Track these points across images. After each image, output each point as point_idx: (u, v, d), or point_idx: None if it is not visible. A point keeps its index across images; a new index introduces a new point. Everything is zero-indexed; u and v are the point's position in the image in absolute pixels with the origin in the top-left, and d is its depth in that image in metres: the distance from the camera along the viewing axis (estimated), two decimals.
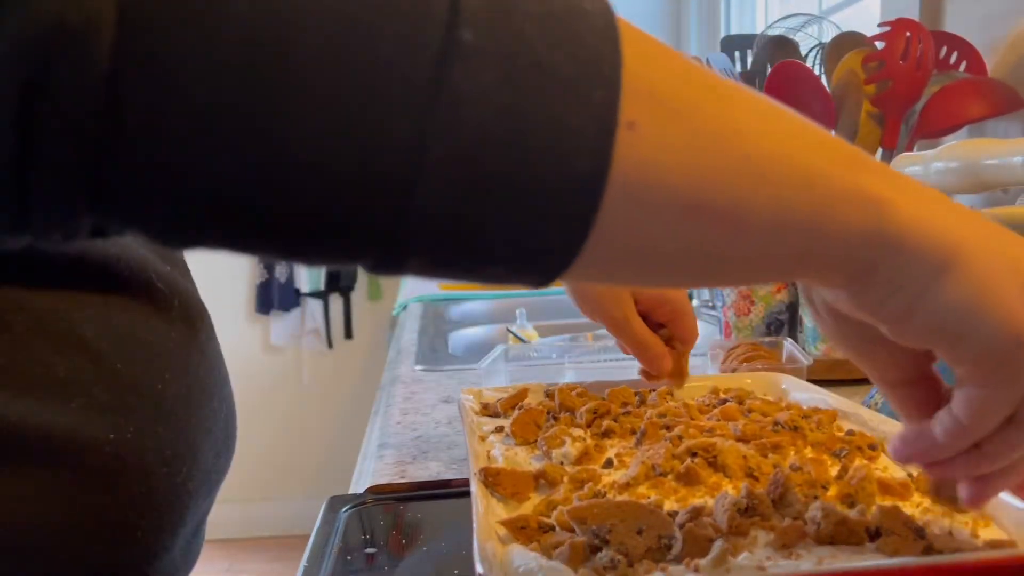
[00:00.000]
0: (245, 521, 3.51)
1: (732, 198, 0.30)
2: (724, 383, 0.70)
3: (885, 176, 0.33)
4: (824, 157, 0.32)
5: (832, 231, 0.31)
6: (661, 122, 0.29)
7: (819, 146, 0.32)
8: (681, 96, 0.30)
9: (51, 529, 0.52)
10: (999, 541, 0.39)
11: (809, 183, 0.31)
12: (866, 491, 0.44)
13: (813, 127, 0.33)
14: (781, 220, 0.31)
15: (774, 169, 0.31)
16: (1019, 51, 1.04)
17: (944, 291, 0.32)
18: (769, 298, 1.16)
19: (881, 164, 0.34)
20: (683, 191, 0.29)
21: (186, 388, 0.59)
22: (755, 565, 0.37)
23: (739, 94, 0.32)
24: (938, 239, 0.32)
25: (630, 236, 0.29)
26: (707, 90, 0.31)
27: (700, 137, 0.30)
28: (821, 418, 0.57)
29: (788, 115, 0.33)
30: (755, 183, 0.30)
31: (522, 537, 0.42)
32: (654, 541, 0.38)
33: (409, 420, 0.95)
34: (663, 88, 0.29)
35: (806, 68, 1.09)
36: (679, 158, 0.29)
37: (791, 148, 0.31)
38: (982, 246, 0.33)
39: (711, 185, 0.30)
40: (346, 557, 0.59)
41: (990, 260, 0.33)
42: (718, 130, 0.30)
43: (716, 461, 0.48)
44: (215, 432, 0.63)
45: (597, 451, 0.54)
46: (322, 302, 3.52)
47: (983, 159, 0.62)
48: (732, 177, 0.30)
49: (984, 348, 0.33)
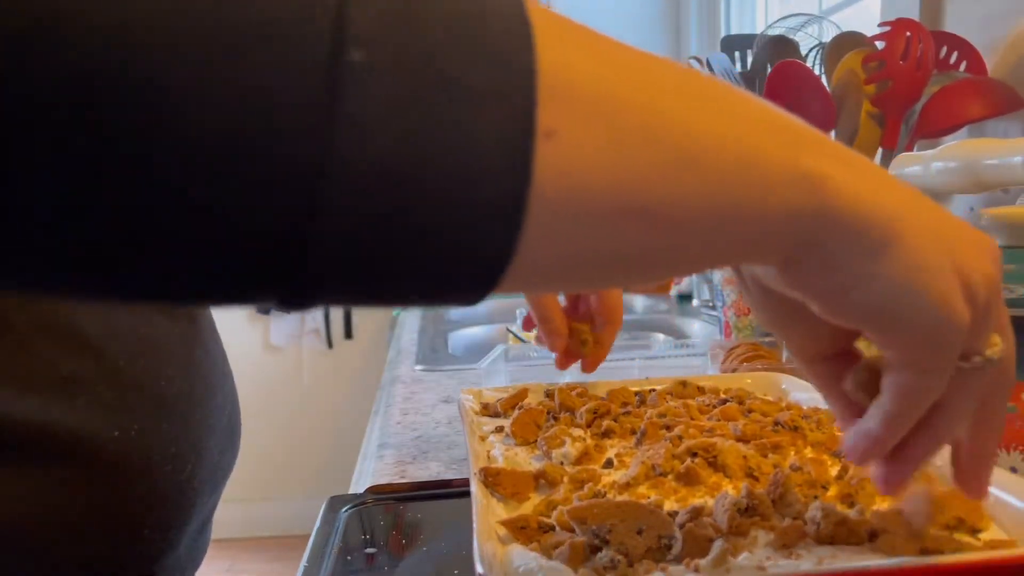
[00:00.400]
0: (245, 521, 3.51)
1: (665, 195, 0.28)
2: (724, 383, 0.70)
3: (824, 151, 0.32)
4: (760, 136, 0.30)
5: (771, 215, 0.30)
6: (583, 124, 0.27)
7: (755, 124, 0.31)
8: (604, 90, 0.27)
9: (57, 526, 0.52)
10: (999, 541, 0.39)
11: (745, 167, 0.30)
12: (866, 491, 0.44)
13: (748, 101, 0.31)
14: (718, 210, 0.29)
15: (708, 157, 0.29)
16: (1019, 51, 1.04)
17: (880, 271, 0.32)
18: None
19: (819, 135, 0.33)
20: (611, 196, 0.27)
21: (189, 385, 0.59)
22: (755, 565, 0.37)
23: (669, 76, 0.30)
24: (877, 218, 0.32)
25: (559, 249, 0.27)
26: (633, 78, 0.28)
27: (627, 134, 0.28)
28: (821, 418, 0.57)
29: (722, 93, 0.31)
30: (688, 175, 0.28)
31: (522, 537, 0.42)
32: (654, 541, 0.38)
33: (409, 420, 0.95)
34: (584, 84, 0.27)
35: (806, 68, 1.09)
36: (605, 161, 0.27)
37: (725, 130, 0.30)
38: (919, 226, 0.32)
39: (641, 185, 0.28)
40: (346, 557, 0.59)
41: (926, 240, 0.32)
42: (646, 123, 0.28)
43: (716, 461, 0.48)
44: (219, 429, 0.63)
45: (597, 451, 0.54)
46: None
47: (983, 159, 0.62)
48: (663, 172, 0.28)
49: (916, 330, 0.32)
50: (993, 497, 0.42)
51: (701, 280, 1.78)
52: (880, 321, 0.33)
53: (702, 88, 0.30)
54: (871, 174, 0.32)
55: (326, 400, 3.50)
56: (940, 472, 0.47)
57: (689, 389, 0.68)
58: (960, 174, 0.63)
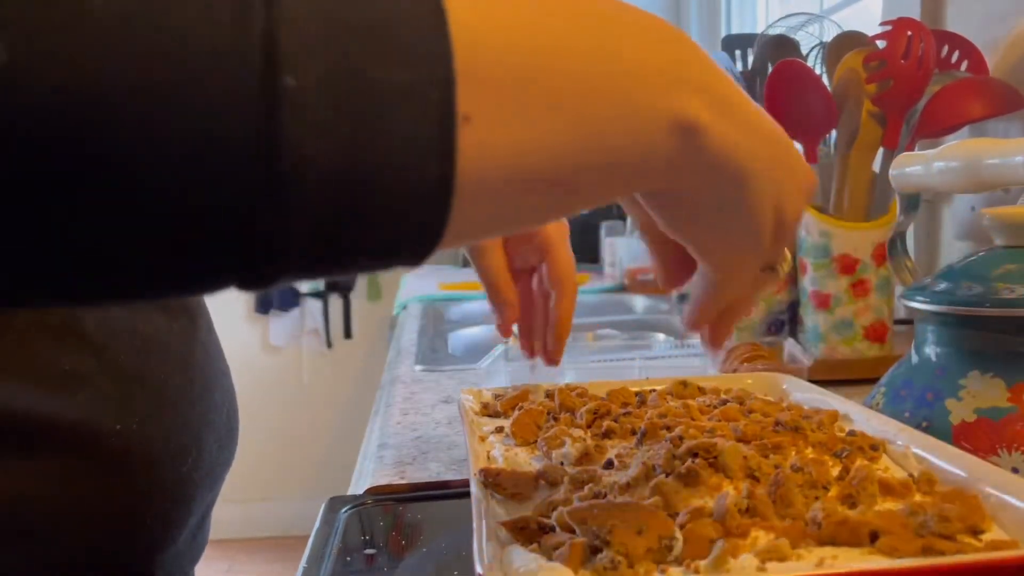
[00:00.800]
0: (245, 521, 3.51)
1: (564, 159, 0.32)
2: (725, 383, 0.70)
3: (705, 93, 0.35)
4: (646, 82, 0.33)
5: (650, 163, 0.34)
6: (495, 104, 0.29)
7: (642, 66, 0.34)
8: (512, 63, 0.30)
9: (60, 517, 0.52)
10: (999, 541, 0.39)
11: (632, 120, 0.33)
12: (867, 492, 0.44)
13: (637, 34, 0.34)
14: (607, 167, 0.33)
15: (600, 117, 0.32)
16: (1020, 50, 1.04)
17: (721, 213, 0.38)
18: (770, 298, 1.16)
19: (702, 69, 0.36)
20: (522, 168, 0.31)
21: (188, 381, 0.60)
22: (755, 566, 0.37)
23: (567, 24, 0.32)
24: (735, 163, 0.36)
25: (484, 213, 0.31)
26: (538, 38, 0.31)
27: (531, 107, 0.30)
28: (822, 418, 0.57)
29: (612, 30, 0.34)
30: (584, 138, 0.32)
31: (522, 538, 0.42)
32: (655, 542, 0.38)
33: (409, 420, 0.95)
34: (495, 63, 0.29)
35: (807, 67, 1.09)
36: (514, 137, 0.30)
37: (615, 84, 0.33)
38: (765, 170, 0.37)
39: (547, 154, 0.31)
40: (346, 558, 0.58)
41: (765, 183, 0.38)
42: (547, 89, 0.31)
43: (717, 462, 0.48)
44: (218, 424, 0.63)
45: (597, 451, 0.54)
46: (321, 302, 3.52)
47: (984, 159, 0.61)
48: (563, 138, 0.31)
49: (732, 258, 0.41)
50: (993, 497, 0.42)
51: None
52: (710, 248, 0.41)
53: (594, 31, 0.33)
54: (740, 114, 0.36)
55: (326, 400, 3.50)
56: (940, 472, 0.47)
57: (690, 389, 0.68)
58: (961, 174, 0.63)
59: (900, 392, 0.64)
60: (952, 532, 0.39)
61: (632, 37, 0.34)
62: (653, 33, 0.35)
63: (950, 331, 0.61)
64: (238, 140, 0.25)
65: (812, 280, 1.07)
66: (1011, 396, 0.57)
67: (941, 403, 0.59)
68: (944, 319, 0.61)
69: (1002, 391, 0.57)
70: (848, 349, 1.05)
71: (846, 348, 1.05)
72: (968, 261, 0.62)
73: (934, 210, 1.26)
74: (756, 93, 1.18)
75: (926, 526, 0.39)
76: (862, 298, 1.04)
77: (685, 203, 0.38)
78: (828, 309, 1.06)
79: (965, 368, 0.59)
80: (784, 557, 0.38)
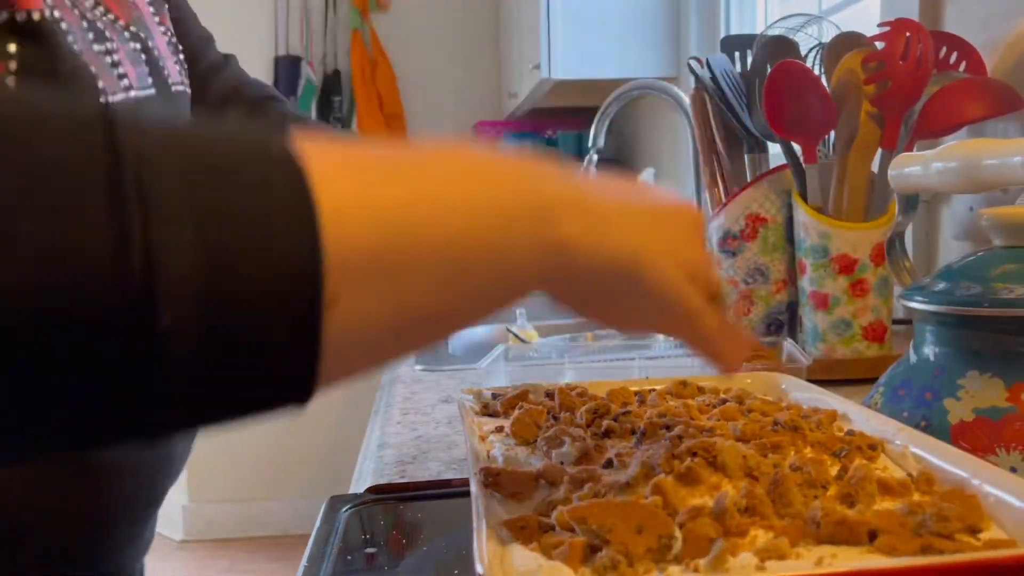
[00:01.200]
0: (245, 521, 3.51)
1: (437, 313, 0.35)
2: (724, 383, 0.70)
3: (569, 210, 0.37)
4: (511, 228, 0.36)
5: (528, 286, 0.38)
6: (361, 279, 0.31)
7: (503, 217, 0.36)
8: (381, 241, 0.32)
9: (35, 519, 0.53)
10: (999, 541, 0.39)
11: (501, 265, 0.36)
12: (866, 491, 0.44)
13: (500, 184, 0.37)
14: (480, 298, 0.36)
15: (468, 270, 0.35)
16: (1019, 51, 1.05)
17: (629, 300, 0.41)
18: (769, 298, 1.16)
19: (561, 189, 0.38)
20: (389, 329, 0.33)
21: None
22: (755, 565, 0.37)
23: (435, 193, 0.34)
24: (618, 261, 0.39)
25: (354, 366, 0.34)
26: (407, 212, 0.33)
27: (399, 279, 0.32)
28: (821, 418, 0.57)
29: (475, 188, 0.36)
30: (453, 290, 0.34)
31: (522, 537, 0.42)
32: (654, 541, 0.38)
33: (409, 420, 0.95)
34: (363, 243, 0.31)
35: (806, 68, 1.09)
36: (383, 304, 0.32)
37: (481, 238, 0.35)
38: (652, 251, 0.40)
39: (418, 312, 0.34)
40: (346, 557, 0.59)
41: (660, 260, 0.41)
42: (416, 257, 0.33)
43: (716, 461, 0.48)
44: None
45: (597, 451, 0.54)
46: None
47: (983, 159, 0.61)
48: (434, 297, 0.34)
49: (671, 327, 0.45)
50: (992, 497, 0.42)
51: None
52: (642, 327, 0.45)
53: (456, 190, 0.35)
54: (605, 210, 0.39)
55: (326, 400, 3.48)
56: (938, 472, 0.47)
57: (689, 389, 0.68)
58: (960, 174, 0.63)
59: (899, 392, 0.64)
60: (951, 531, 0.39)
61: (493, 185, 0.36)
62: (512, 175, 0.37)
63: (949, 331, 0.61)
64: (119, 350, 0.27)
65: (811, 280, 1.07)
66: (1010, 396, 0.57)
67: (940, 403, 0.59)
68: (943, 319, 0.61)
69: (1001, 391, 0.57)
70: (847, 349, 1.05)
71: (845, 348, 1.05)
72: (967, 261, 0.63)
73: (933, 210, 1.26)
74: (755, 94, 1.18)
75: (925, 525, 0.40)
76: (861, 298, 1.05)
77: (591, 303, 0.41)
78: (827, 309, 1.06)
79: (964, 368, 0.60)
80: (783, 556, 0.38)
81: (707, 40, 2.30)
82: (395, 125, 3.44)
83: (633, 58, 2.37)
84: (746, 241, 1.16)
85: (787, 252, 1.15)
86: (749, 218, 1.15)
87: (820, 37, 1.27)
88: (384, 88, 3.44)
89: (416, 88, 3.53)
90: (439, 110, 3.54)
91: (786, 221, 1.15)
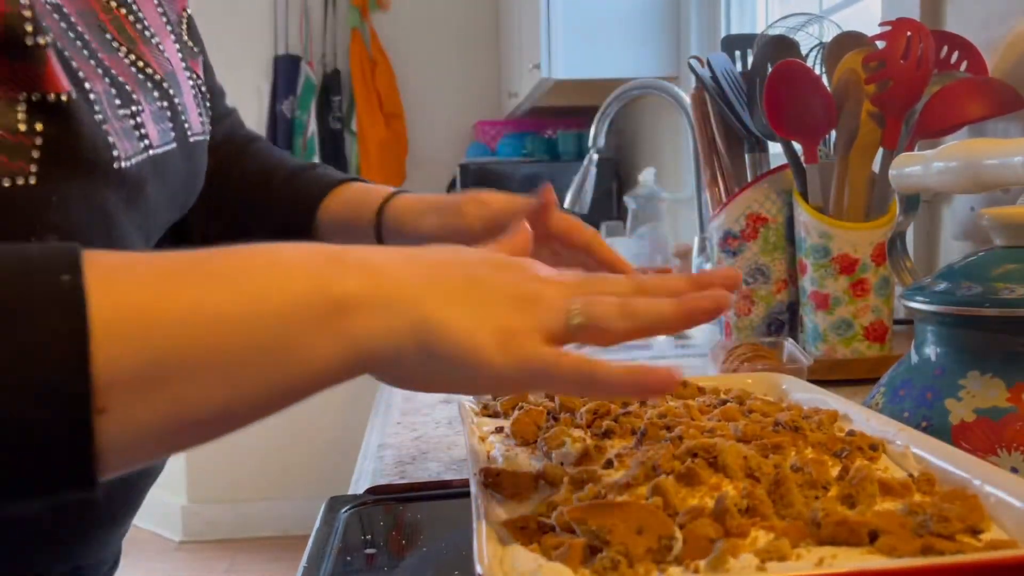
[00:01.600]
0: (245, 521, 3.51)
1: (215, 408, 0.36)
2: (724, 383, 0.70)
3: (366, 302, 0.39)
4: (298, 319, 0.37)
5: (334, 374, 0.38)
6: (129, 390, 0.34)
7: (288, 312, 0.37)
8: (152, 348, 0.34)
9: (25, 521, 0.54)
10: (999, 541, 0.39)
11: (287, 356, 0.37)
12: (866, 491, 0.44)
13: (289, 281, 0.38)
14: (271, 395, 0.37)
15: (247, 368, 0.36)
16: (1019, 51, 1.04)
17: (430, 372, 0.41)
18: (769, 298, 1.16)
19: (360, 284, 0.39)
20: (166, 427, 0.35)
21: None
22: (755, 566, 0.37)
23: (214, 283, 0.36)
24: (407, 339, 0.39)
25: (134, 459, 0.36)
26: (180, 316, 0.35)
27: (167, 382, 0.34)
28: (822, 418, 0.57)
29: (264, 280, 0.38)
30: (231, 385, 0.36)
31: (522, 537, 0.42)
32: (654, 542, 0.38)
33: (409, 420, 0.95)
34: (126, 355, 0.34)
35: (806, 68, 1.09)
36: (153, 407, 0.34)
37: (258, 336, 0.36)
38: (451, 310, 0.40)
39: (193, 407, 0.35)
40: (346, 557, 0.59)
41: (460, 322, 0.40)
42: (185, 361, 0.35)
43: (717, 461, 0.48)
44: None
45: (597, 451, 0.54)
46: None
47: (983, 159, 0.61)
48: (209, 392, 0.35)
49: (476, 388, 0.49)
50: (993, 497, 0.42)
51: None
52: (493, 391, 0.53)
53: (231, 291, 0.37)
54: (396, 297, 0.40)
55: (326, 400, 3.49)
56: (939, 472, 0.47)
57: (689, 389, 0.68)
58: (960, 174, 0.63)
59: (899, 392, 0.64)
60: (951, 532, 0.39)
61: (284, 283, 0.38)
62: (306, 270, 0.39)
63: (950, 331, 0.61)
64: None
65: (812, 280, 1.07)
66: (1010, 396, 0.57)
67: (941, 403, 0.59)
68: (944, 319, 0.61)
69: (1001, 391, 0.57)
70: (848, 349, 1.05)
71: (846, 348, 1.05)
72: (967, 261, 0.62)
73: (933, 210, 1.26)
74: (756, 93, 1.18)
75: (925, 526, 0.39)
76: (862, 298, 1.05)
77: (413, 382, 0.42)
78: (828, 309, 1.06)
79: (964, 368, 0.60)
80: (784, 557, 0.38)
81: (707, 40, 2.30)
82: (395, 125, 3.44)
83: (633, 58, 2.37)
84: (747, 241, 1.16)
85: (788, 252, 1.15)
86: (750, 218, 1.15)
87: (821, 37, 1.27)
88: (384, 88, 3.44)
89: (416, 88, 3.53)
90: (439, 110, 3.54)
91: (787, 221, 1.15)
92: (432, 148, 3.51)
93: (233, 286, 0.37)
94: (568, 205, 1.88)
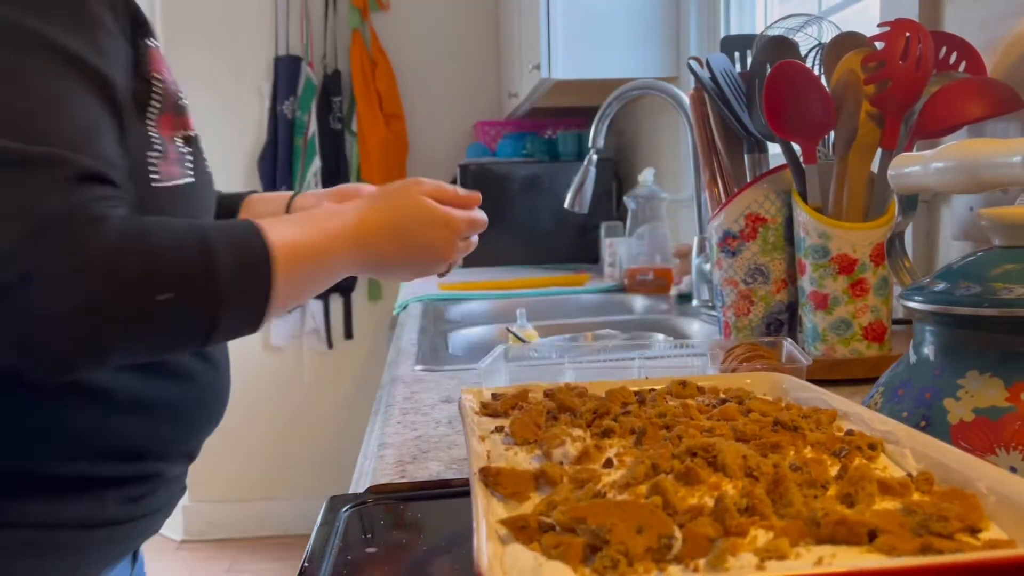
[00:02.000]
0: (245, 521, 3.51)
1: (316, 280, 0.79)
2: (724, 383, 0.70)
3: (376, 233, 0.83)
4: (342, 242, 0.80)
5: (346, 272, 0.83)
6: (288, 266, 0.73)
7: (338, 240, 0.80)
8: (294, 262, 0.74)
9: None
10: (998, 540, 0.39)
11: (333, 262, 0.80)
12: (865, 491, 0.44)
13: (337, 236, 0.81)
14: (327, 278, 0.81)
15: (323, 266, 0.79)
16: (1018, 51, 1.05)
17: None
18: (768, 298, 1.16)
19: (372, 225, 0.85)
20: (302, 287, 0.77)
21: (222, 351, 0.93)
22: (754, 565, 0.37)
23: (320, 227, 0.79)
24: (351, 253, 0.82)
25: (286, 302, 0.75)
26: (303, 238, 0.76)
27: (302, 264, 0.76)
28: (821, 418, 0.57)
29: (327, 224, 0.81)
30: (323, 274, 0.80)
31: (522, 537, 0.42)
32: (654, 541, 0.38)
33: (409, 420, 0.95)
34: (286, 254, 0.73)
35: (806, 68, 1.09)
36: (295, 277, 0.75)
37: (331, 251, 0.80)
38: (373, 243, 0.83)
39: (310, 277, 0.78)
40: (346, 556, 0.59)
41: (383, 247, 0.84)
42: (307, 268, 0.76)
43: (716, 461, 0.48)
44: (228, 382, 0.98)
45: (597, 451, 0.54)
46: (322, 302, 3.52)
47: (982, 159, 0.62)
48: (315, 274, 0.78)
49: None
50: (991, 496, 0.42)
51: (701, 280, 1.78)
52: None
53: (323, 230, 0.80)
54: (382, 228, 0.84)
55: (326, 400, 3.50)
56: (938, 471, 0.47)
57: (689, 389, 0.68)
58: (959, 174, 0.63)
59: (898, 392, 0.64)
60: (950, 531, 0.39)
61: (338, 223, 0.81)
62: (353, 227, 0.81)
63: (948, 331, 0.61)
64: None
65: (811, 280, 1.07)
66: (1009, 396, 0.57)
67: (939, 403, 0.59)
68: (942, 319, 0.61)
69: (1000, 391, 0.57)
70: (847, 349, 1.06)
71: (845, 348, 1.06)
72: (966, 261, 0.63)
73: (932, 210, 1.26)
74: (755, 94, 1.18)
75: (924, 525, 0.40)
76: (861, 298, 1.05)
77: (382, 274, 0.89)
78: (827, 309, 1.06)
79: (963, 368, 0.60)
80: (783, 556, 0.38)
81: (707, 40, 2.30)
82: (395, 125, 3.44)
83: (633, 58, 2.37)
84: (746, 241, 1.16)
85: (787, 252, 1.15)
86: (749, 218, 1.15)
87: (820, 37, 1.27)
88: (384, 88, 3.44)
89: (416, 88, 3.53)
90: (439, 110, 3.54)
91: (786, 221, 1.15)
92: (432, 148, 3.51)
93: (323, 224, 0.80)
94: (568, 205, 1.89)
